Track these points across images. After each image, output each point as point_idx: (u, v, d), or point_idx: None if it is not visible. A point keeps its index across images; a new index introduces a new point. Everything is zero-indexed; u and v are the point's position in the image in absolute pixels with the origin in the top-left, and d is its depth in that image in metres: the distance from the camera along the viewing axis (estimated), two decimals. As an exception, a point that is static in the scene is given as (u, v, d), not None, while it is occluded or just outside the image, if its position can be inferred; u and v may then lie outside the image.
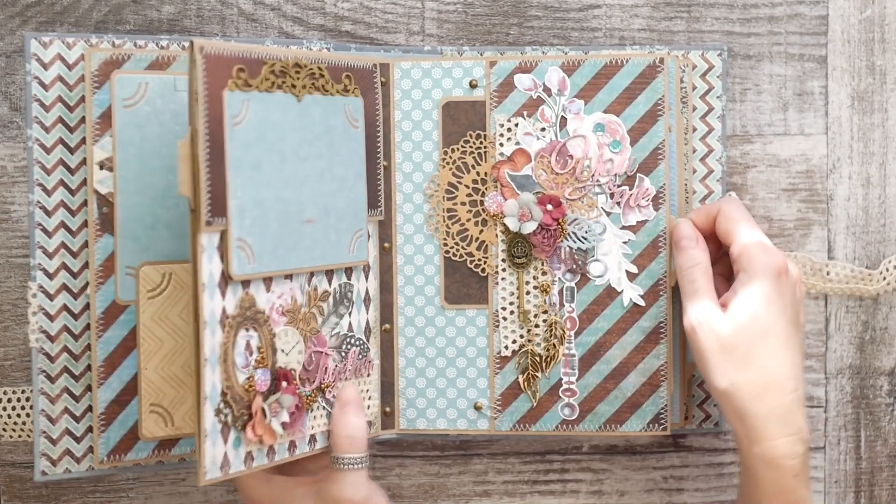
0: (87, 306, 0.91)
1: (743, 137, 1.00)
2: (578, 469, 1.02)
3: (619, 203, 0.95)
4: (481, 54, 0.97)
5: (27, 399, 0.98)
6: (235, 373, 0.85)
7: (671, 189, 0.96)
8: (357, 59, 0.94)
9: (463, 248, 0.97)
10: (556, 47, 0.97)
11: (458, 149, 0.97)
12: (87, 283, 0.91)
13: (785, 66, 1.00)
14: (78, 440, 0.92)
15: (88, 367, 0.92)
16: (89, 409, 0.92)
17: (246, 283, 0.86)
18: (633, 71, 0.95)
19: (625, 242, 0.96)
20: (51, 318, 0.91)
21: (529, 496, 1.02)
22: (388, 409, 0.98)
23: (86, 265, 0.91)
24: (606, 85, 0.95)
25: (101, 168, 0.90)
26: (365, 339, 0.95)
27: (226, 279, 0.84)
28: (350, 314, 0.94)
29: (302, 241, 0.89)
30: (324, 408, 0.91)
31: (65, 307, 0.91)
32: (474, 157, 0.97)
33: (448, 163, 0.97)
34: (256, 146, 0.85)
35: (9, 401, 0.98)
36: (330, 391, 0.92)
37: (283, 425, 0.87)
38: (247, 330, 0.86)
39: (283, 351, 0.88)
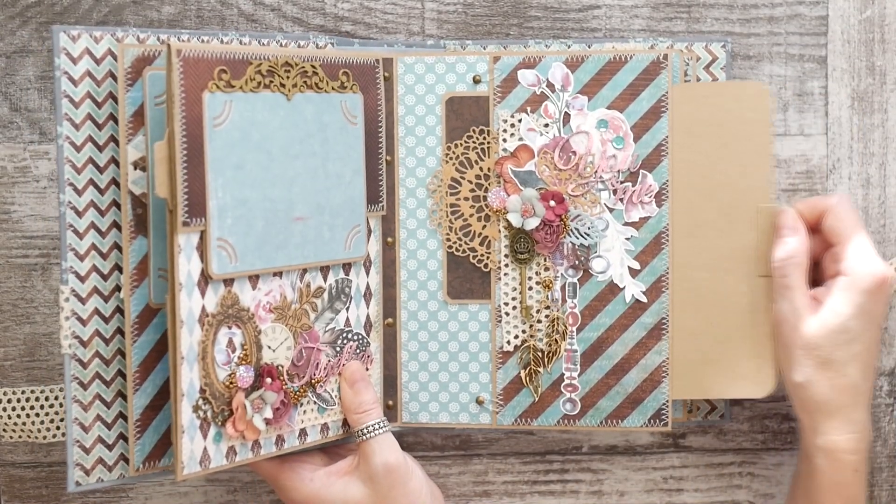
0: (118, 309, 0.88)
1: (743, 138, 1.00)
2: (578, 469, 1.02)
3: (622, 199, 0.95)
4: (484, 48, 0.97)
5: (27, 399, 0.97)
6: (216, 369, 0.85)
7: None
8: (358, 54, 0.93)
9: (466, 243, 0.96)
10: (559, 40, 0.97)
11: (461, 144, 0.96)
12: (116, 286, 0.87)
13: (785, 66, 1.00)
14: (110, 448, 0.88)
15: (118, 373, 0.88)
16: (119, 415, 0.88)
17: (229, 282, 0.86)
18: (637, 67, 0.94)
19: (627, 239, 0.95)
20: (83, 322, 0.87)
21: (529, 496, 1.02)
22: (390, 402, 0.97)
23: (115, 267, 0.87)
24: (610, 81, 0.94)
25: (136, 168, 0.86)
26: (364, 334, 0.95)
27: (206, 278, 0.85)
28: (347, 309, 0.94)
29: (291, 238, 0.89)
30: (314, 402, 0.91)
31: (96, 311, 0.87)
32: (477, 153, 0.96)
33: (451, 158, 0.96)
34: (240, 146, 0.85)
35: (9, 401, 0.97)
36: (321, 386, 0.92)
37: (267, 421, 0.88)
38: (229, 327, 0.86)
39: (269, 347, 0.89)
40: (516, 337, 0.96)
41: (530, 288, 0.96)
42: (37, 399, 0.97)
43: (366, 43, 0.96)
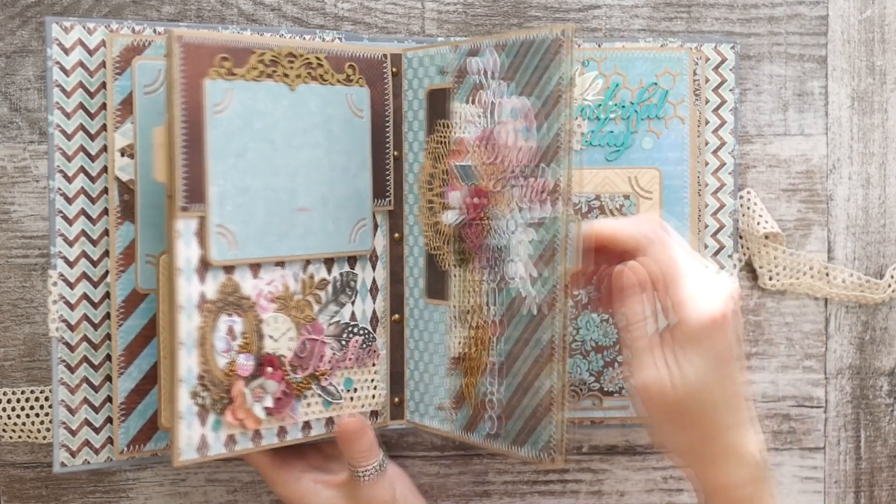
0: (107, 295, 0.89)
1: (743, 138, 1.00)
2: (578, 469, 1.02)
3: (526, 196, 0.84)
4: (494, 44, 0.96)
5: (27, 399, 0.97)
6: (214, 357, 0.85)
7: (682, 181, 0.95)
8: (365, 49, 0.93)
9: (436, 240, 0.92)
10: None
11: (434, 138, 0.92)
12: (106, 272, 0.89)
13: (785, 66, 1.00)
14: (97, 431, 0.89)
15: (107, 357, 0.89)
16: (108, 399, 0.89)
17: (229, 269, 0.86)
18: (540, 48, 0.83)
19: (530, 241, 0.84)
20: (71, 306, 0.88)
21: (529, 496, 1.02)
22: (397, 399, 0.96)
23: (105, 254, 0.89)
24: (522, 64, 0.84)
25: (123, 155, 0.87)
26: (371, 329, 0.95)
27: (205, 264, 0.84)
28: (353, 303, 0.93)
29: (294, 229, 0.88)
30: (319, 395, 0.91)
31: (85, 296, 0.89)
32: (444, 146, 0.91)
33: (430, 152, 0.93)
34: (242, 134, 0.85)
35: (9, 401, 0.97)
36: (326, 379, 0.92)
37: (268, 410, 0.87)
38: (229, 315, 0.86)
39: (271, 337, 0.88)
40: (459, 343, 0.90)
41: (469, 291, 0.89)
42: (36, 399, 0.97)
43: (375, 38, 0.96)
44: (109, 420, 0.89)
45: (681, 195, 0.95)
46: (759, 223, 0.97)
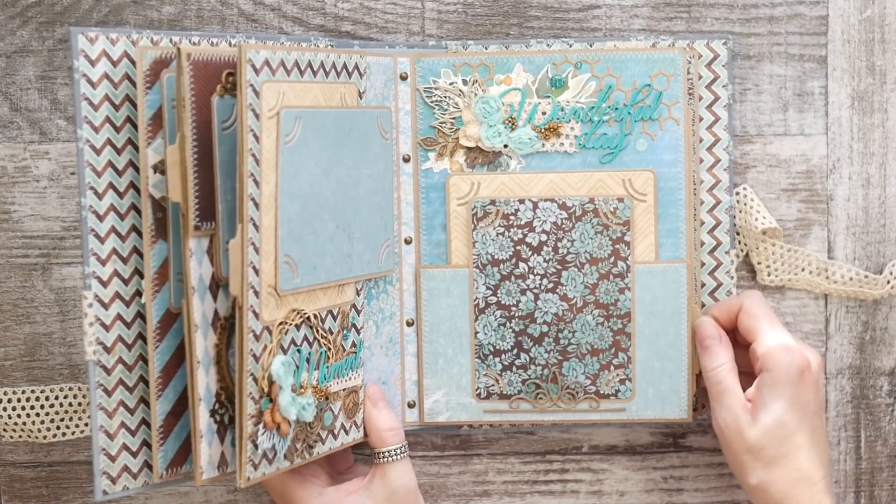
0: (138, 314, 0.85)
1: (743, 138, 1.00)
2: (578, 469, 1.02)
3: None
4: (486, 48, 0.97)
5: (27, 399, 0.97)
6: (231, 373, 0.84)
7: (677, 183, 0.95)
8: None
9: None
10: (560, 39, 0.97)
11: None
12: (136, 291, 0.85)
13: (785, 66, 1.00)
14: (134, 455, 0.86)
15: (141, 379, 0.86)
16: (143, 422, 0.86)
17: None
18: None
19: None
20: (106, 328, 0.84)
21: (529, 496, 1.02)
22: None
23: (135, 272, 0.85)
24: None
25: (155, 171, 0.84)
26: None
27: (217, 282, 0.84)
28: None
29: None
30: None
31: (119, 316, 0.85)
32: None
33: None
34: None
35: (9, 401, 0.97)
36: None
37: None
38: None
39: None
40: None
41: None
42: (37, 399, 0.97)
43: (366, 44, 0.96)
44: (145, 444, 0.86)
45: (675, 197, 0.95)
46: (756, 219, 0.98)
